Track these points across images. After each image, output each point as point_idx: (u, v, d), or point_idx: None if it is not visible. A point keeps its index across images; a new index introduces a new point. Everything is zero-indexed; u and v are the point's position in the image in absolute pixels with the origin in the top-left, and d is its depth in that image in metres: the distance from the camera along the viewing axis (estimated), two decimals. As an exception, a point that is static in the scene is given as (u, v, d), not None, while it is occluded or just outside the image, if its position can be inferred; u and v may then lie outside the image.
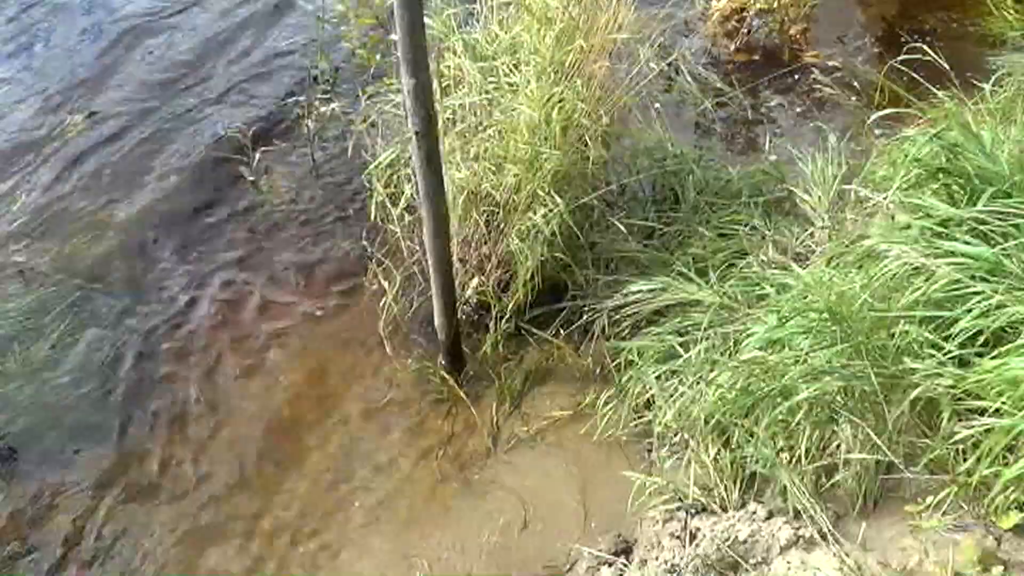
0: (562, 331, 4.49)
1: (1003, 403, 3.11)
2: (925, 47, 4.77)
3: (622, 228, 4.55)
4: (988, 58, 5.79)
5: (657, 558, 3.54)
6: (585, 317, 4.40)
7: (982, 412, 3.19)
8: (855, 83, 5.92)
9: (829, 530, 3.31)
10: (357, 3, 5.40)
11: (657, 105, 5.21)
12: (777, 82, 5.98)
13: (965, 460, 3.24)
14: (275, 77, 6.39)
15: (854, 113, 5.53)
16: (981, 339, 3.33)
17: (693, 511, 3.62)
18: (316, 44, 6.19)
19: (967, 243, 3.48)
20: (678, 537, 3.57)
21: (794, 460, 3.47)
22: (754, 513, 3.48)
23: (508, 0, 4.84)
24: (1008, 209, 3.50)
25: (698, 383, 3.78)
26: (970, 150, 3.81)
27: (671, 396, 3.85)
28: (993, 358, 3.21)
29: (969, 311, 3.32)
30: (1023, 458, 3.08)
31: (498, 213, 4.52)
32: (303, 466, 4.16)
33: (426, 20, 4.73)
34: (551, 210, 4.32)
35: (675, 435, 3.88)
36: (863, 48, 6.36)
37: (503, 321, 4.49)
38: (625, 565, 3.61)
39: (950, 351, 3.31)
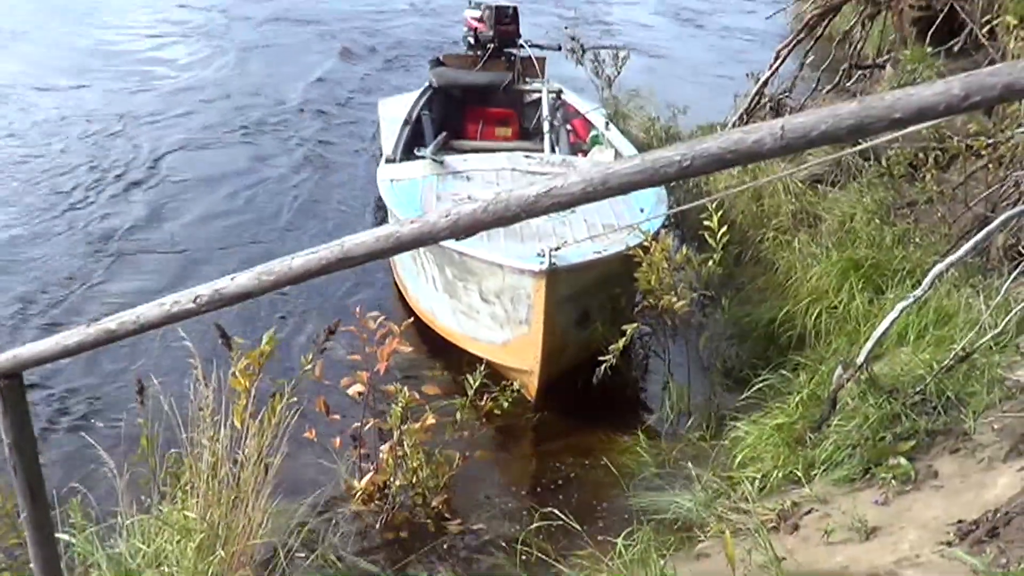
0: None
1: None
2: (558, 512, 5.25)
3: None
4: (627, 500, 6.30)
5: None
6: None
7: None
8: (502, 543, 6.23)
9: None
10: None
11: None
12: (426, 556, 6.20)
13: None
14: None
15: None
16: None
17: None
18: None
19: None
20: None
21: None
22: None
23: (147, 512, 4.94)
24: None
25: None
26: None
27: None
28: None
29: None
30: None
31: None
32: None
33: (64, 537, 4.77)
34: None
35: None
36: (506, 510, 6.75)
37: None
38: None
39: None
